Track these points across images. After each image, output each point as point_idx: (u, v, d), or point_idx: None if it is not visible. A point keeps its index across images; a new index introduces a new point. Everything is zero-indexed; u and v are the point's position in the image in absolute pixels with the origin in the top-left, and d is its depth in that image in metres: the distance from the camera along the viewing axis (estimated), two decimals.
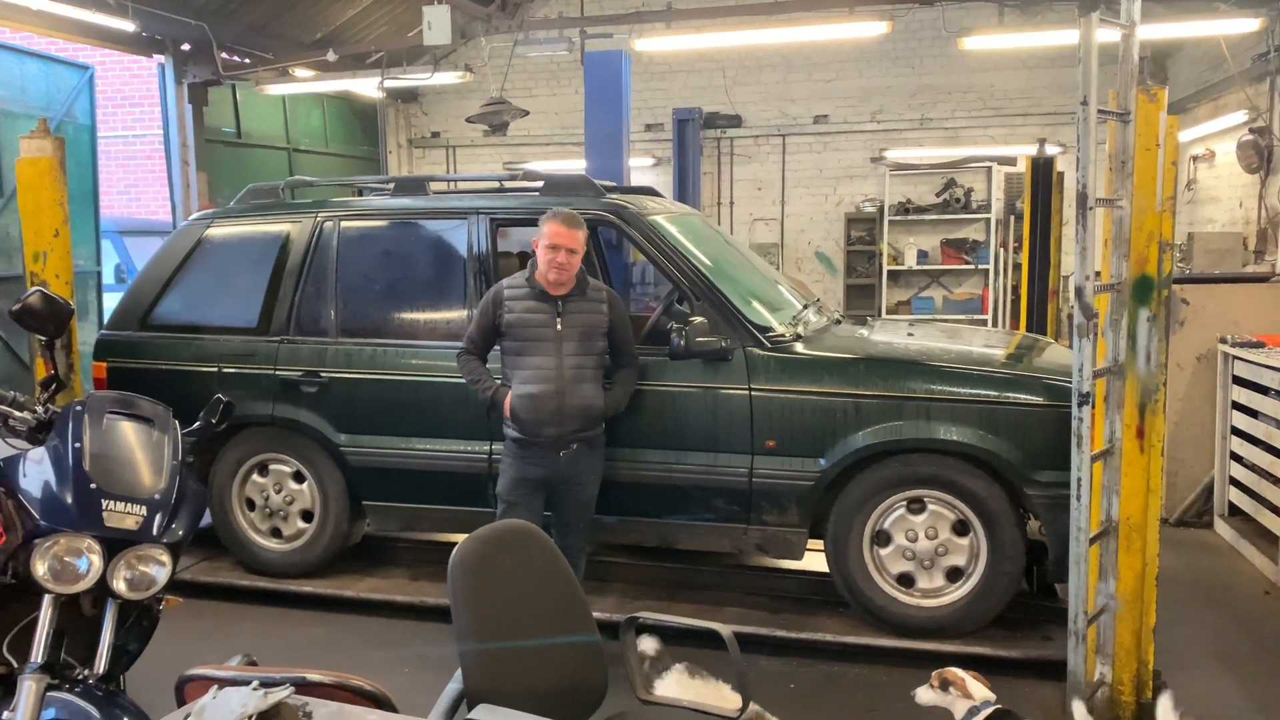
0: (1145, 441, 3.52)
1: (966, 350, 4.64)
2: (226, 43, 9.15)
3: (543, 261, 3.99)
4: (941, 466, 4.10)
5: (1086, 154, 3.26)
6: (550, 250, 3.96)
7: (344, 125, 12.30)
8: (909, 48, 11.56)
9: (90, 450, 2.54)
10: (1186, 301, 5.86)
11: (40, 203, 5.12)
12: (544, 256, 3.98)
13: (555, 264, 3.96)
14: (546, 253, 3.97)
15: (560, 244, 3.95)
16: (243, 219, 5.22)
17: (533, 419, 4.01)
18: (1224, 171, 9.18)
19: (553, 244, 3.96)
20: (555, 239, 3.96)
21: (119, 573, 2.45)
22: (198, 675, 2.00)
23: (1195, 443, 5.90)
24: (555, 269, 3.97)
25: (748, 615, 4.39)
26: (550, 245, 3.96)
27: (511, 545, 2.49)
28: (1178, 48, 10.29)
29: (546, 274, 4.00)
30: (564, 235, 3.96)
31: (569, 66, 11.68)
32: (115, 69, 12.00)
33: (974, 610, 4.13)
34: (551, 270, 3.98)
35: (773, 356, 4.28)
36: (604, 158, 8.01)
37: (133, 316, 5.17)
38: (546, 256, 3.97)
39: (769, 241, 12.27)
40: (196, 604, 4.70)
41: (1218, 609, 4.73)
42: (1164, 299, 3.51)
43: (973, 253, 11.70)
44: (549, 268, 3.98)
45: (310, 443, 4.83)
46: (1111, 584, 3.56)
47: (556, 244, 3.95)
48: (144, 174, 12.66)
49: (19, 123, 6.77)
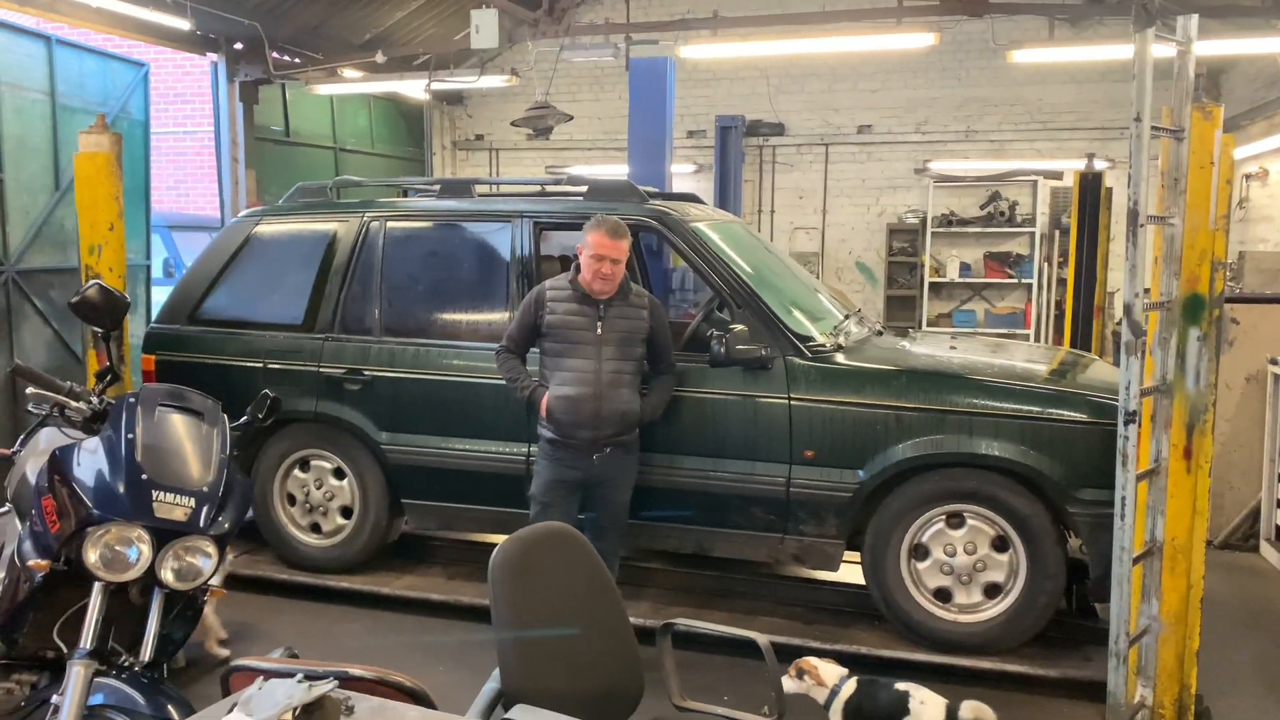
0: (1193, 462, 3.47)
1: (1010, 364, 4.59)
2: (278, 42, 9.28)
3: (587, 270, 4.01)
4: (982, 481, 4.06)
5: (1139, 170, 3.22)
6: (595, 260, 3.97)
7: (390, 126, 12.43)
8: (956, 59, 11.46)
9: (142, 441, 2.59)
10: (1237, 321, 5.76)
11: (97, 197, 5.22)
12: (589, 266, 4.00)
13: (600, 275, 3.98)
14: (592, 263, 3.98)
15: (605, 254, 3.96)
16: (291, 217, 5.29)
17: (569, 420, 4.03)
18: (1277, 190, 9.02)
19: (598, 254, 3.96)
20: (600, 249, 3.96)
21: (167, 563, 2.51)
22: (244, 666, 2.04)
23: (1243, 465, 5.79)
24: (600, 279, 3.99)
25: (782, 625, 4.37)
26: (595, 255, 3.97)
27: (552, 547, 2.51)
28: (1232, 64, 10.12)
29: (591, 283, 4.01)
30: (608, 246, 3.97)
31: (613, 72, 11.72)
32: (168, 66, 12.21)
33: (1012, 627, 4.08)
34: (596, 280, 3.99)
35: (813, 366, 4.26)
36: (646, 163, 8.01)
37: (181, 311, 5.26)
38: (592, 266, 3.98)
39: (809, 250, 12.21)
40: (237, 597, 4.76)
41: (1262, 634, 4.64)
42: (1215, 318, 3.45)
43: (1016, 266, 11.57)
44: (594, 278, 3.99)
45: (352, 440, 4.88)
46: (1155, 605, 3.50)
47: (601, 254, 3.96)
48: (194, 170, 12.87)
49: (76, 117, 6.90)
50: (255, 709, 1.70)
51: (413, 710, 1.89)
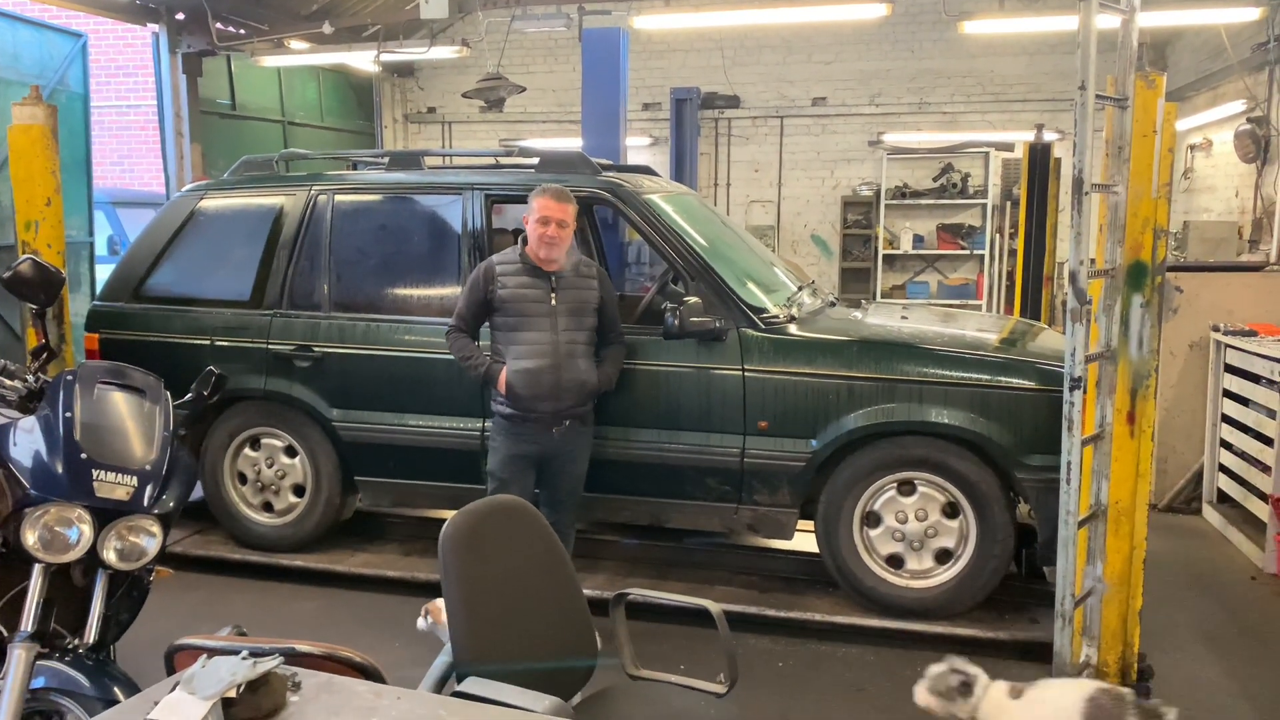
0: (1136, 427, 3.54)
1: (960, 334, 4.64)
2: (221, 13, 9.06)
3: (533, 237, 3.98)
4: (932, 449, 4.11)
5: (1083, 139, 3.25)
6: (541, 224, 3.95)
7: (339, 99, 12.22)
8: (909, 31, 11.50)
9: (81, 420, 2.54)
10: (1180, 289, 5.86)
11: (32, 170, 5.09)
12: (534, 231, 3.98)
13: (546, 239, 3.96)
14: (537, 227, 3.96)
15: (551, 216, 3.94)
16: (236, 191, 5.19)
17: (530, 394, 4.01)
18: (1221, 161, 9.17)
19: (543, 217, 3.95)
20: (545, 211, 3.95)
21: (109, 543, 2.46)
22: (187, 645, 2.01)
23: (1186, 430, 5.93)
24: (546, 244, 3.96)
25: (737, 594, 4.41)
26: (541, 219, 3.95)
27: (503, 520, 2.50)
28: (1178, 36, 10.26)
29: (538, 250, 3.99)
30: (554, 208, 3.95)
31: (566, 43, 11.61)
32: (109, 38, 11.90)
33: (962, 592, 4.15)
34: (542, 246, 3.97)
35: (767, 337, 4.28)
36: (601, 136, 7.94)
37: (125, 288, 5.15)
38: (537, 231, 3.96)
39: (765, 224, 12.24)
40: (188, 577, 4.71)
41: (1204, 594, 4.77)
42: (1158, 286, 3.51)
43: (968, 238, 11.69)
44: (540, 243, 3.97)
45: (303, 417, 4.82)
46: (1099, 567, 3.57)
47: (547, 217, 3.94)
48: (137, 145, 12.57)
49: (11, 90, 6.70)
50: (198, 687, 1.68)
51: (362, 685, 1.88)
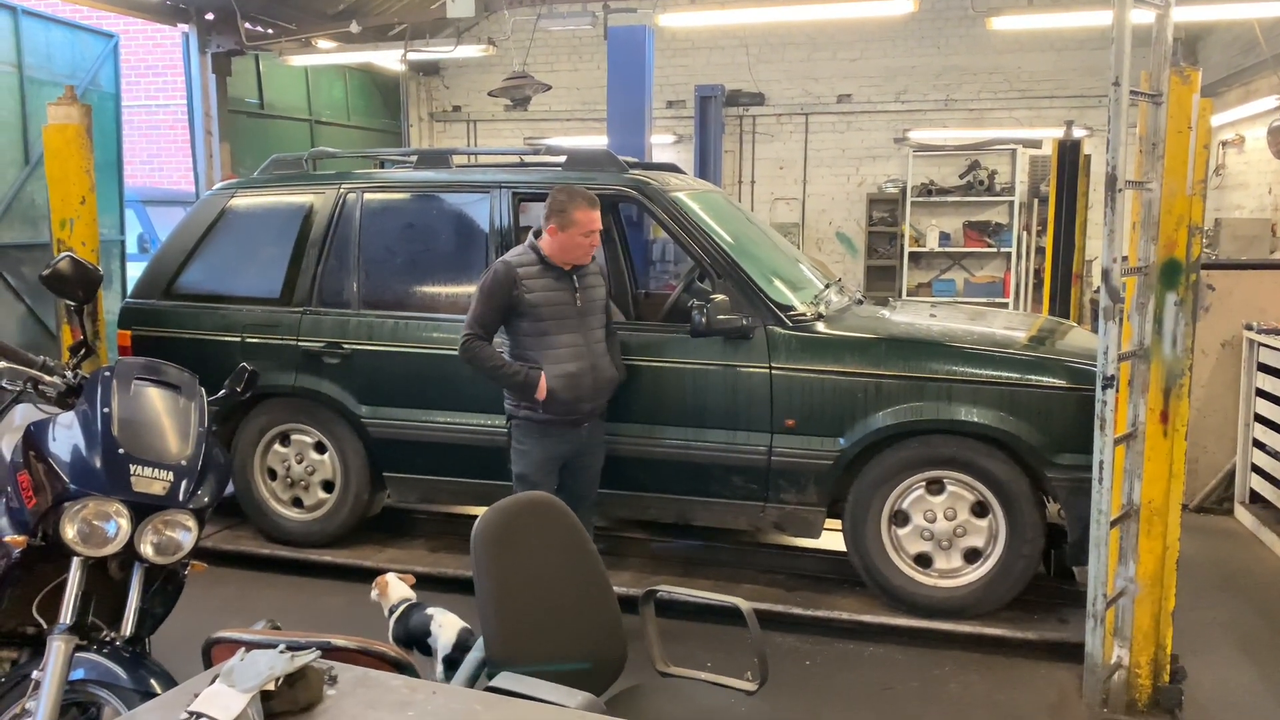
0: (1169, 426, 3.50)
1: (989, 332, 4.61)
2: (250, 13, 9.14)
3: (572, 245, 3.95)
4: (961, 448, 4.09)
5: (1117, 135, 3.22)
6: (585, 236, 3.94)
7: (366, 98, 12.29)
8: (935, 27, 11.43)
9: (119, 415, 2.57)
10: (1212, 287, 5.80)
11: (67, 170, 5.15)
12: (578, 244, 3.95)
13: (590, 248, 3.99)
14: (581, 240, 3.94)
15: (595, 228, 3.97)
16: (266, 190, 5.23)
17: (573, 397, 3.97)
18: (1253, 157, 9.06)
19: (588, 230, 3.94)
20: (591, 224, 3.93)
21: (146, 537, 2.49)
22: (225, 638, 2.03)
23: (1218, 429, 5.86)
24: (586, 251, 3.99)
25: (764, 592, 4.40)
26: (586, 232, 3.93)
27: (534, 516, 2.51)
28: (1209, 30, 10.13)
29: (574, 258, 3.98)
30: (597, 220, 3.97)
31: (591, 41, 11.61)
32: (139, 38, 12.01)
33: (991, 592, 4.13)
34: (585, 256, 3.99)
35: (794, 335, 4.27)
36: (626, 134, 7.96)
37: (157, 285, 5.20)
38: (583, 245, 3.96)
39: (790, 221, 12.20)
40: (219, 571, 4.71)
41: (1237, 595, 4.71)
42: (1191, 283, 3.47)
43: (995, 235, 11.60)
44: (582, 252, 3.98)
45: (332, 414, 4.86)
46: (1131, 567, 3.54)
47: (592, 229, 3.95)
48: (167, 144, 12.69)
49: (45, 90, 6.79)
50: (237, 680, 1.70)
51: (397, 679, 1.89)
